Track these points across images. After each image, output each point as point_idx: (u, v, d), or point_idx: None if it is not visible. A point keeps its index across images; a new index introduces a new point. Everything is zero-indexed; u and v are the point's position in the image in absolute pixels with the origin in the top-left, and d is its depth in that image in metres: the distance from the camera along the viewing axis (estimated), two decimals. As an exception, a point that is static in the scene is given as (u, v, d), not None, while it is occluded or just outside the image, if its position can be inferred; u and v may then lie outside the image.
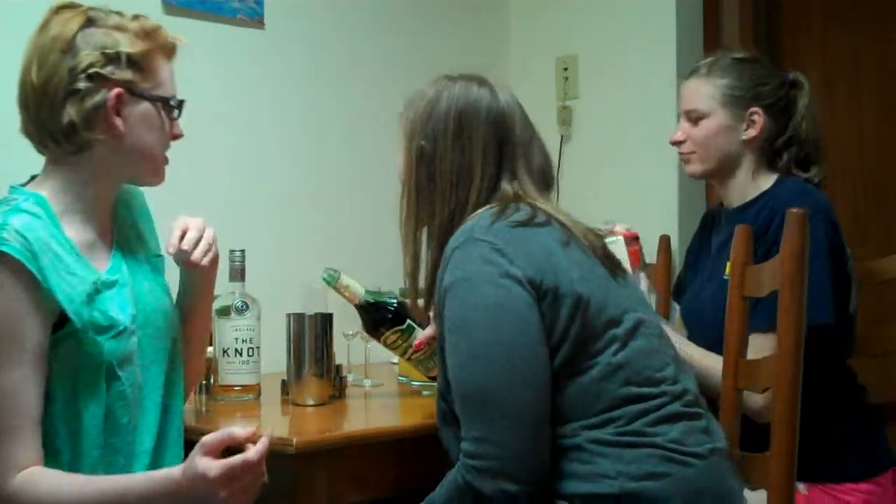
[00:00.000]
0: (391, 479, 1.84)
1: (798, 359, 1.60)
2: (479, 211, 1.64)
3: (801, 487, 1.93)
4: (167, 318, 1.80)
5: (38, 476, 1.58)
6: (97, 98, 1.64)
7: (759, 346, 1.89)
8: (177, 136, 1.78)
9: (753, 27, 3.15)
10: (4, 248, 1.56)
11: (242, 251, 2.17)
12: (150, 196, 2.20)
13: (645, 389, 1.57)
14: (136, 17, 1.71)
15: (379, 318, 2.06)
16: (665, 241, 2.99)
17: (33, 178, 1.74)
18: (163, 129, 1.74)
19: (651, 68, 3.11)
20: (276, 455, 1.71)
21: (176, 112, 1.75)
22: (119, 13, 1.71)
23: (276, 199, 2.82)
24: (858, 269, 2.18)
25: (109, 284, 1.69)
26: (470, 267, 1.56)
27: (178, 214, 1.95)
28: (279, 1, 2.79)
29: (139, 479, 1.60)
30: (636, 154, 3.10)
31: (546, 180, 1.73)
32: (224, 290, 2.14)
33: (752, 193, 2.14)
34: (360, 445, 1.79)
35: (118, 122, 1.67)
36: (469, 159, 1.67)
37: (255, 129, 2.75)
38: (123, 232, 1.81)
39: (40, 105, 1.65)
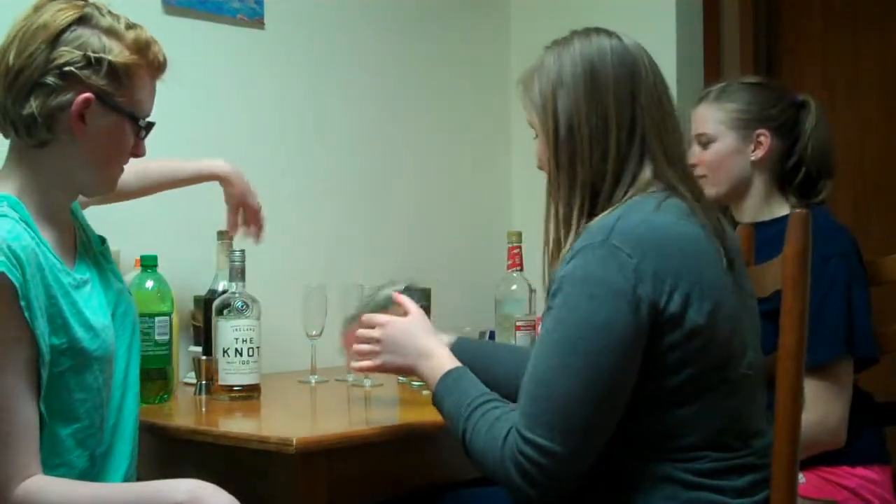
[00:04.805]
0: (391, 479, 1.84)
1: (800, 358, 1.60)
2: (629, 197, 1.55)
3: (799, 475, 1.93)
4: (130, 306, 1.77)
5: (46, 481, 1.53)
6: (63, 98, 1.58)
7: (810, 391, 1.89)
8: (137, 155, 1.71)
9: (753, 27, 3.16)
10: None
11: (242, 251, 2.17)
12: (153, 196, 2.21)
13: (734, 441, 1.54)
14: (132, 27, 1.64)
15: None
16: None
17: None
18: (124, 145, 1.68)
19: (651, 68, 3.10)
20: (277, 455, 1.71)
21: (143, 133, 1.68)
22: (117, 16, 1.64)
23: (276, 199, 2.81)
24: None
25: (83, 283, 1.66)
26: (593, 271, 1.47)
27: (178, 213, 1.94)
28: (279, 1, 2.79)
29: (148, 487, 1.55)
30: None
31: (680, 144, 1.64)
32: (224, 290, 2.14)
33: (765, 215, 2.17)
34: (360, 445, 1.79)
35: (80, 126, 1.60)
36: (604, 111, 1.59)
37: (256, 128, 2.75)
38: (80, 230, 1.76)
39: (9, 90, 1.58)
